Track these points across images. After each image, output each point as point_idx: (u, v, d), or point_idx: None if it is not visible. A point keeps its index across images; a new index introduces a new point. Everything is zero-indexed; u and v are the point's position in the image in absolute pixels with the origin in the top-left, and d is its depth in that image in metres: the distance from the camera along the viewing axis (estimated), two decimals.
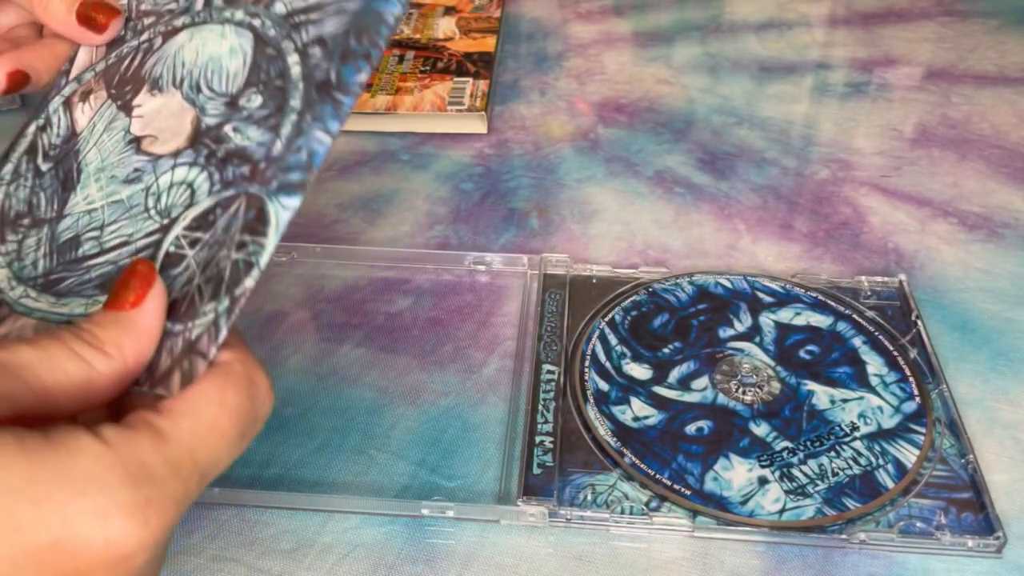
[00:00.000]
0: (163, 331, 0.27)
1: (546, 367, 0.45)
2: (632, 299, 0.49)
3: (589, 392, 0.44)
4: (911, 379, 0.45)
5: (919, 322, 0.47)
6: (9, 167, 0.33)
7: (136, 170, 0.31)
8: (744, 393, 0.44)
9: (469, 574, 0.37)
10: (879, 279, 0.50)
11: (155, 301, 0.27)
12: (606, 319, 0.48)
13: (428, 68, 0.69)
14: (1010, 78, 0.70)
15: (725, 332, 0.47)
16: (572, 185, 0.59)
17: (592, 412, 0.43)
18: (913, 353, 0.46)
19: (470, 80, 0.67)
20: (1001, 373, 0.46)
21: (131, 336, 0.26)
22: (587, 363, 0.45)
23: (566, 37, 0.77)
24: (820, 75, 0.71)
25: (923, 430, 0.42)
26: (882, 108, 0.67)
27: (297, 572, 0.38)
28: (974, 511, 0.39)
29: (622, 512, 0.39)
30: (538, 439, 0.42)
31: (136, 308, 0.26)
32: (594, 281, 0.50)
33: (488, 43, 0.73)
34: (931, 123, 0.66)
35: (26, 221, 0.32)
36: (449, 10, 0.78)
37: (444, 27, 0.75)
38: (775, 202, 0.58)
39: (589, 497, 0.40)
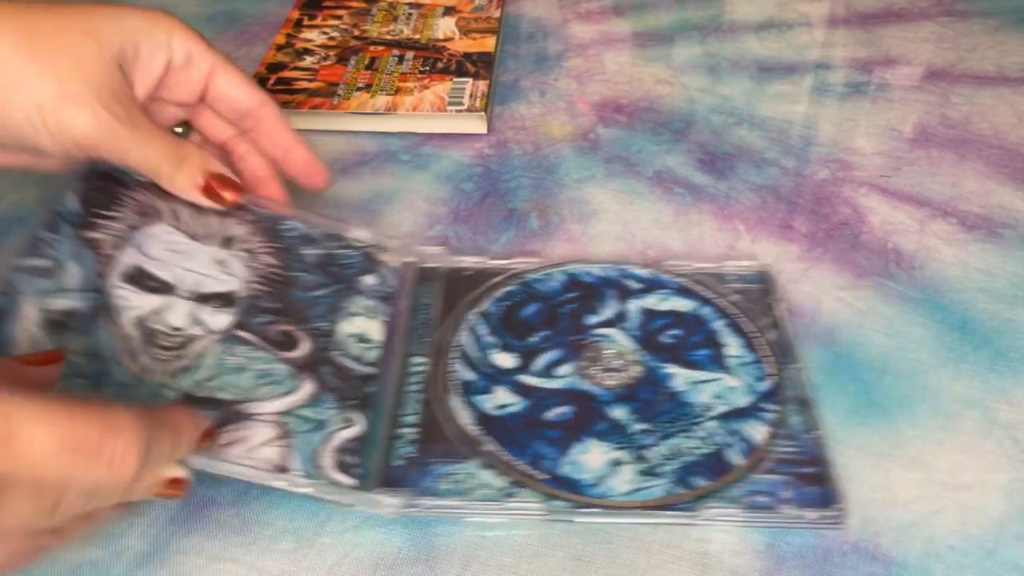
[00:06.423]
0: None
1: (415, 359, 0.45)
2: (506, 290, 0.49)
3: (453, 382, 0.44)
4: (766, 359, 0.45)
5: (777, 304, 0.48)
6: None
7: None
8: (609, 378, 0.44)
9: (469, 574, 0.37)
10: (744, 263, 0.51)
11: None
12: (478, 310, 0.48)
13: (428, 68, 0.69)
14: (1010, 78, 0.70)
15: (590, 319, 0.48)
16: (572, 185, 0.60)
17: (455, 402, 0.43)
18: (772, 334, 0.47)
19: (470, 80, 0.67)
20: (1000, 373, 0.46)
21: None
22: (454, 354, 0.46)
23: (566, 37, 0.77)
24: (820, 75, 0.71)
25: (775, 408, 0.43)
26: (882, 108, 0.67)
27: (297, 572, 0.38)
28: (817, 484, 0.40)
29: (478, 500, 0.39)
30: (401, 431, 0.42)
31: None
32: (466, 273, 0.50)
33: (488, 43, 0.73)
34: (931, 123, 0.66)
35: None
36: (449, 10, 0.78)
37: (444, 27, 0.75)
38: (775, 202, 0.58)
39: (448, 486, 0.40)
